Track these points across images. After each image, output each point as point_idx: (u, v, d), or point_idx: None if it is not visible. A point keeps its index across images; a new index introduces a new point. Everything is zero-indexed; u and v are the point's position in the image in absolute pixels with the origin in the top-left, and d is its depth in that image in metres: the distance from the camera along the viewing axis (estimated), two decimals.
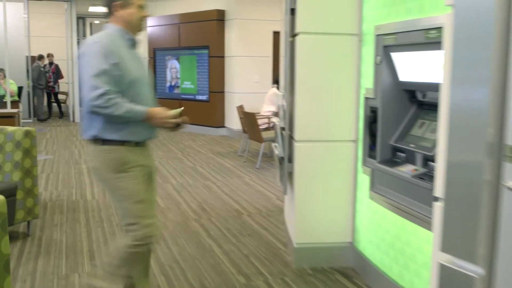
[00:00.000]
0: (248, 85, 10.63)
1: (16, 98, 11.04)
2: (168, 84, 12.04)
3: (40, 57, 13.75)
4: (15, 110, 5.40)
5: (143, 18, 2.84)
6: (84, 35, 17.57)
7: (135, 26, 2.82)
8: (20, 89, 11.42)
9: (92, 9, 15.53)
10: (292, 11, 3.67)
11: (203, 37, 11.03)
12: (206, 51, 11.01)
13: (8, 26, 12.96)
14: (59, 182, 6.48)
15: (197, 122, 11.36)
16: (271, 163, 7.83)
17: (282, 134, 3.85)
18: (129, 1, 2.76)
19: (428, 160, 2.89)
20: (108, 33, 2.76)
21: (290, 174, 3.83)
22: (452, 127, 1.85)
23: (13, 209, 4.22)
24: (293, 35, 3.71)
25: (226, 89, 10.99)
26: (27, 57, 13.14)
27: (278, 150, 3.94)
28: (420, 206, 2.81)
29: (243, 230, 4.68)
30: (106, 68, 2.58)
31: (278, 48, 10.90)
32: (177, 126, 2.82)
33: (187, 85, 11.57)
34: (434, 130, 2.95)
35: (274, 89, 8.58)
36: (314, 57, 3.60)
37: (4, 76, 11.03)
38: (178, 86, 11.79)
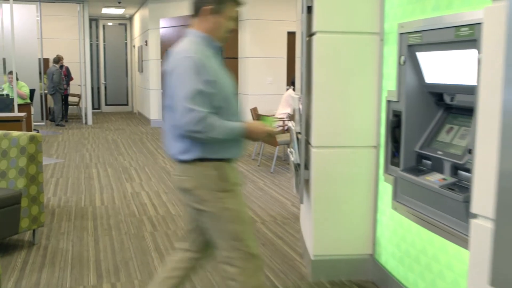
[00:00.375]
0: (262, 87, 10.43)
1: (28, 100, 10.94)
2: None
3: (57, 60, 13.29)
4: (22, 114, 5.25)
5: (230, 31, 2.60)
6: (97, 37, 17.50)
7: (220, 37, 2.59)
8: (32, 91, 11.33)
9: (105, 10, 15.45)
10: (309, 9, 3.46)
11: None
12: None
13: (20, 29, 12.92)
14: (68, 187, 6.33)
15: None
16: (286, 167, 7.62)
17: (298, 139, 3.64)
18: (222, 8, 2.50)
19: (458, 168, 2.66)
20: (195, 41, 2.50)
21: (307, 182, 3.61)
22: (506, 132, 1.59)
23: (18, 217, 4.05)
24: (310, 34, 3.50)
25: (240, 90, 10.80)
26: (39, 59, 13.07)
27: (293, 156, 3.73)
28: (449, 219, 2.57)
29: (257, 239, 4.45)
30: (201, 88, 2.33)
31: (293, 49, 10.69)
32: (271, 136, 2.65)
33: None
34: (463, 136, 2.71)
35: (290, 91, 8.36)
36: (333, 58, 3.38)
37: (17, 79, 10.95)
38: None
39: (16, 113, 5.68)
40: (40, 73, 13.19)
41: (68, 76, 13.99)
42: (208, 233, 2.59)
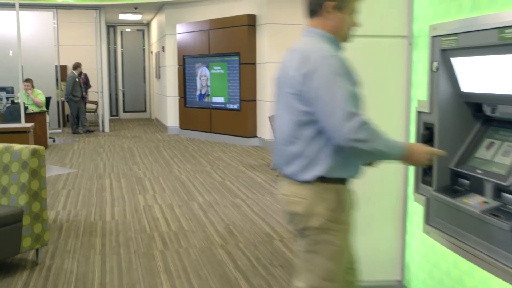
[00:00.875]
0: None
1: (44, 108, 10.81)
2: (198, 93, 11.64)
3: (76, 66, 12.80)
4: (28, 125, 5.03)
5: (353, 27, 2.31)
6: (115, 43, 17.39)
7: (343, 36, 2.31)
8: (48, 99, 11.18)
9: (122, 17, 15.31)
10: None
11: (234, 44, 10.59)
12: (237, 58, 10.56)
13: (37, 36, 12.85)
14: (79, 199, 6.09)
15: (228, 132, 10.91)
16: None
17: None
18: (346, 3, 2.24)
19: (502, 190, 2.33)
20: (323, 42, 2.23)
21: None
22: None
23: (19, 236, 3.81)
24: None
25: (258, 97, 10.51)
26: (56, 66, 12.96)
27: None
28: (493, 249, 2.24)
29: (275, 259, 4.16)
30: (354, 90, 2.08)
31: None
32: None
33: (218, 93, 11.13)
34: (507, 153, 2.38)
35: None
36: (355, 63, 3.07)
37: (32, 87, 10.83)
38: (208, 95, 11.37)
39: (23, 124, 5.45)
40: (57, 80, 13.07)
41: (86, 84, 13.70)
42: (300, 258, 2.29)
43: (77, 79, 12.62)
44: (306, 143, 2.14)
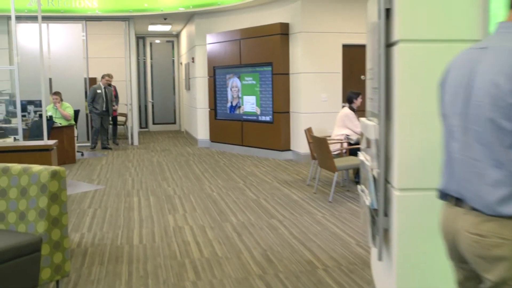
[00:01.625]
0: (315, 105, 9.68)
1: (72, 122, 10.58)
2: (229, 104, 11.27)
3: (102, 77, 12.14)
4: (51, 142, 4.70)
5: None
6: (144, 55, 17.20)
7: None
8: (76, 112, 10.96)
9: (151, 28, 15.11)
10: (388, 12, 2.71)
11: (266, 53, 10.20)
12: (269, 68, 10.16)
13: (66, 48, 12.69)
14: (105, 220, 5.74)
15: (261, 145, 10.49)
16: (346, 194, 6.83)
17: (374, 177, 2.87)
18: None
19: None
20: None
21: (386, 232, 2.84)
22: None
23: (37, 267, 3.44)
24: (389, 44, 2.74)
25: (292, 109, 10.08)
26: (85, 79, 12.78)
27: (368, 198, 2.96)
28: None
29: None
30: None
31: (349, 63, 9.90)
32: None
33: (249, 105, 10.74)
34: None
35: (346, 110, 7.58)
36: (420, 73, 2.62)
37: (61, 100, 10.63)
38: (239, 106, 10.98)
39: (45, 141, 5.11)
40: (86, 92, 12.88)
41: (116, 97, 13.26)
42: None
43: (98, 91, 11.77)
44: None
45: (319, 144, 6.64)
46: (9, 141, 6.12)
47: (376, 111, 2.85)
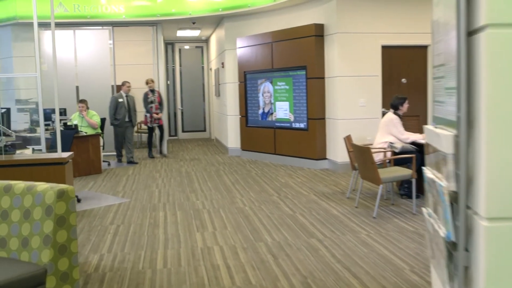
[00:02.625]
0: (353, 110, 9.05)
1: (99, 130, 10.19)
2: (261, 111, 10.72)
3: (122, 84, 11.07)
4: (65, 155, 4.22)
5: None
6: (173, 61, 16.82)
7: None
8: (103, 120, 10.58)
9: (180, 33, 14.70)
10: None
11: (300, 56, 9.63)
12: (303, 72, 9.58)
13: (93, 55, 12.36)
14: (127, 239, 5.23)
15: (295, 154, 9.91)
16: (391, 209, 6.19)
17: (451, 202, 2.26)
18: None
19: None
20: None
21: (467, 270, 2.22)
22: None
23: None
24: (472, 31, 2.14)
25: (328, 115, 9.47)
26: (112, 86, 12.42)
27: (441, 227, 2.36)
28: None
29: None
30: None
31: (388, 66, 9.25)
32: None
33: (282, 111, 10.17)
34: None
35: (391, 114, 6.95)
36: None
37: (87, 108, 10.26)
38: (272, 113, 10.43)
39: (59, 154, 4.62)
40: None
41: (161, 104, 11.55)
42: None
43: (120, 100, 10.74)
44: None
45: (361, 154, 6.03)
46: (26, 153, 5.71)
47: (452, 117, 2.25)
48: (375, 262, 4.34)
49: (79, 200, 7.11)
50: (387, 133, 6.88)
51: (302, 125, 9.74)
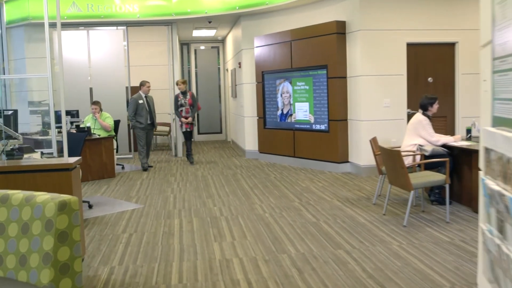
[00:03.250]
0: (377, 111, 8.62)
1: (112, 133, 9.89)
2: (279, 112, 10.34)
3: (144, 84, 10.13)
4: (72, 160, 3.88)
5: None
6: (189, 62, 16.50)
7: None
8: (117, 123, 10.28)
9: (196, 33, 14.38)
10: None
11: (320, 55, 9.23)
12: (324, 71, 9.18)
13: (107, 56, 12.08)
14: (140, 250, 4.88)
15: (315, 157, 9.51)
16: (421, 216, 5.76)
17: None
18: None
19: None
20: None
21: None
22: None
23: None
24: None
25: (350, 116, 9.05)
26: (126, 87, 12.12)
27: None
28: None
29: None
30: None
31: (414, 64, 8.81)
32: None
33: (302, 112, 9.78)
34: None
35: (420, 115, 6.52)
36: None
37: (100, 110, 9.96)
38: (291, 114, 10.04)
39: (65, 159, 4.25)
40: (127, 102, 12.22)
41: (193, 105, 10.47)
42: None
43: (140, 101, 9.94)
44: None
45: (390, 157, 5.61)
46: (35, 157, 5.40)
47: None
48: (411, 278, 3.93)
49: (90, 206, 6.78)
50: (416, 135, 6.46)
51: (323, 127, 9.34)
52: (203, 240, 5.13)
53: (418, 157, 6.35)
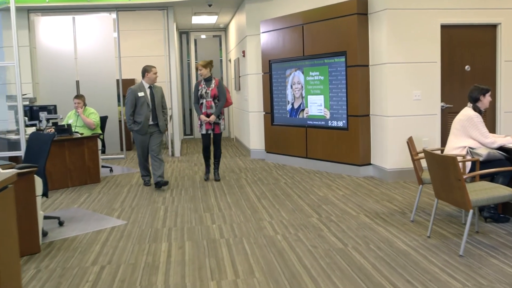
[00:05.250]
0: (406, 105, 7.32)
1: (98, 131, 8.62)
2: (289, 107, 9.05)
3: (148, 70, 7.38)
4: (8, 174, 2.61)
5: None
6: (188, 53, 15.20)
7: None
8: (104, 119, 8.99)
9: (195, 20, 13.06)
10: None
11: (338, 40, 7.92)
12: (342, 59, 7.87)
13: (96, 45, 10.77)
14: None
15: (331, 159, 8.22)
16: (476, 239, 4.48)
17: None
18: None
19: None
20: None
21: None
22: None
23: None
24: None
25: (373, 111, 7.75)
26: (117, 80, 10.84)
27: None
28: None
29: None
30: None
31: (449, 49, 7.49)
32: None
33: (316, 107, 8.49)
34: None
35: (469, 110, 5.23)
36: None
37: (84, 104, 8.69)
38: (303, 109, 8.74)
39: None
40: (118, 96, 10.95)
41: (218, 98, 7.60)
42: None
43: (140, 94, 7.23)
44: None
45: (441, 165, 4.31)
46: None
47: None
48: None
49: (61, 223, 5.52)
50: (465, 135, 5.17)
51: (340, 124, 8.04)
52: (196, 277, 3.85)
53: (468, 164, 5.06)
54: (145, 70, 7.37)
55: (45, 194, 5.08)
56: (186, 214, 5.81)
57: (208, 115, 7.56)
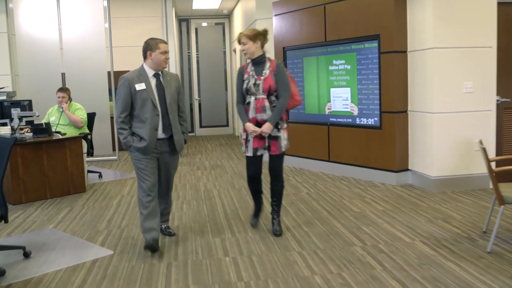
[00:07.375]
0: (454, 99, 6.05)
1: (85, 130, 7.35)
2: (307, 101, 7.77)
3: (148, 47, 5.44)
4: None
5: None
6: (189, 42, 13.90)
7: None
8: (91, 116, 7.71)
9: (196, 5, 11.77)
10: None
11: (369, 21, 6.64)
12: (374, 44, 6.59)
13: (84, 34, 9.47)
14: None
15: (361, 163, 6.95)
16: None
17: None
18: None
19: None
20: None
21: None
22: None
23: None
24: None
25: (412, 106, 6.48)
26: (108, 73, 9.55)
27: None
28: None
29: None
30: None
31: (506, 32, 6.20)
32: None
33: (341, 101, 7.21)
34: None
35: None
36: None
37: (70, 99, 7.42)
38: (324, 104, 7.46)
39: None
40: (109, 91, 9.68)
41: (272, 95, 4.45)
42: None
43: (139, 87, 4.31)
44: None
45: None
46: None
47: None
48: None
49: (26, 254, 4.24)
50: None
51: (371, 121, 6.76)
52: None
53: None
54: (148, 47, 4.34)
55: (3, 218, 3.84)
56: (190, 240, 4.53)
57: (258, 123, 4.49)
